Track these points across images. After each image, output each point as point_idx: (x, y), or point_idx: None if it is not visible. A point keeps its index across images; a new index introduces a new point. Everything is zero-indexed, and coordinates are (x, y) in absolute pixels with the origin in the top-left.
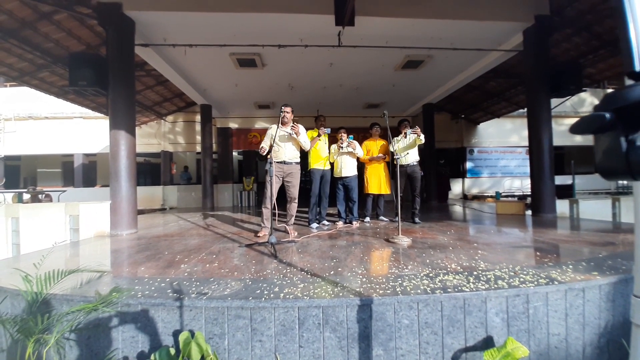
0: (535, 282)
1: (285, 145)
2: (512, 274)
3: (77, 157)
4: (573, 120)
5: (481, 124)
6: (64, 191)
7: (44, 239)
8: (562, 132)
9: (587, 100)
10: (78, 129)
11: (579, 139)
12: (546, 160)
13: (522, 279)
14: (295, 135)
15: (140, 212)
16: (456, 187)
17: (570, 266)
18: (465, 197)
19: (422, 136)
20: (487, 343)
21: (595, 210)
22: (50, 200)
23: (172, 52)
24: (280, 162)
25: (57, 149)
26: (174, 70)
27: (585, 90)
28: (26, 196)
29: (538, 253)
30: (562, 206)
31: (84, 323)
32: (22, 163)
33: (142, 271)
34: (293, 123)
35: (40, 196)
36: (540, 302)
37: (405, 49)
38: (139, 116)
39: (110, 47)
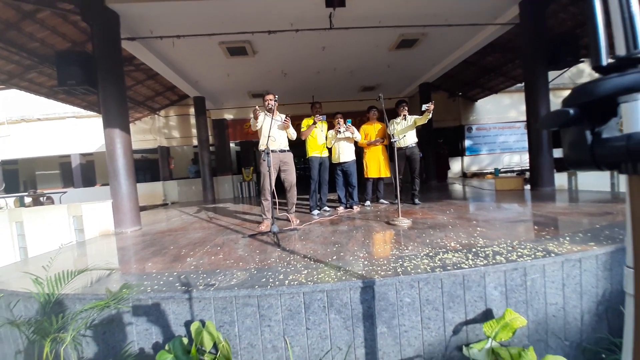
0: (533, 255)
1: (280, 134)
2: (510, 248)
3: (74, 158)
4: None
5: (479, 101)
6: (65, 192)
7: (50, 241)
8: (560, 105)
9: (586, 71)
10: (72, 128)
11: None
12: (544, 133)
13: (519, 253)
14: (284, 128)
15: (143, 208)
16: (455, 166)
17: (568, 238)
18: (464, 175)
19: (430, 115)
20: (487, 315)
21: (594, 181)
22: (52, 203)
23: (160, 45)
24: (276, 152)
25: (53, 150)
26: (164, 63)
27: (582, 61)
28: (27, 199)
29: (536, 227)
30: (560, 179)
31: (98, 320)
32: (20, 167)
33: (149, 267)
34: (285, 117)
35: (41, 199)
36: (538, 274)
37: (399, 28)
38: (132, 112)
39: (96, 43)
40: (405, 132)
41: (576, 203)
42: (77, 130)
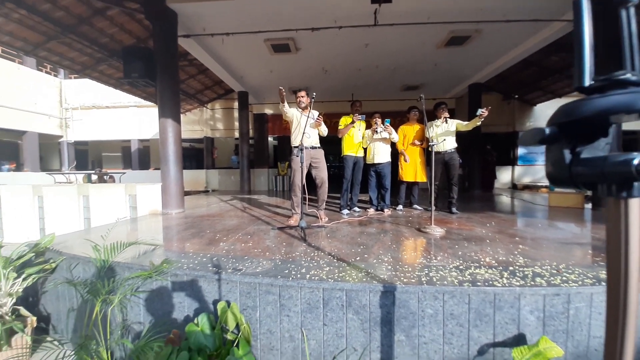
0: (580, 282)
1: (311, 131)
2: (555, 272)
3: (133, 143)
4: None
5: (538, 105)
6: (124, 173)
7: (109, 215)
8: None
9: None
10: (133, 116)
11: None
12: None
13: (565, 278)
14: (316, 127)
15: (187, 193)
16: (505, 176)
17: None
18: (514, 187)
19: (479, 122)
20: (519, 340)
21: None
22: (114, 181)
23: (211, 42)
24: (307, 148)
25: (117, 135)
26: (213, 59)
27: None
28: (94, 177)
29: (589, 251)
30: None
31: (141, 287)
32: (90, 148)
33: (187, 246)
34: (318, 115)
35: (105, 177)
36: (584, 302)
37: (450, 24)
38: (184, 104)
39: (156, 39)
40: (445, 136)
41: None
42: (137, 118)
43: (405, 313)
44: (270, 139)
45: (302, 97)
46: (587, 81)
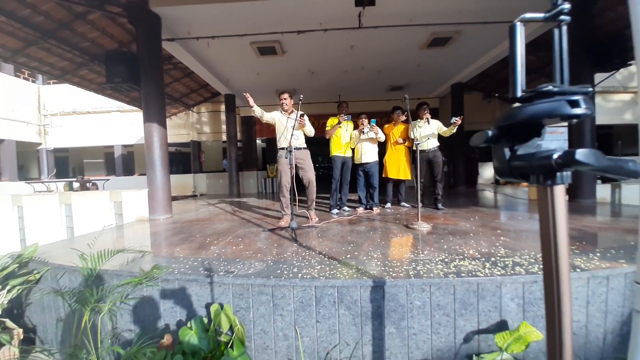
0: None
1: (295, 132)
2: (533, 260)
3: (116, 148)
4: (622, 96)
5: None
6: (108, 180)
7: (93, 223)
8: (610, 110)
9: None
10: (116, 122)
11: (629, 117)
12: (587, 140)
13: (541, 266)
14: (300, 128)
15: (174, 198)
16: (487, 172)
17: (598, 254)
18: (497, 182)
19: (455, 130)
20: (501, 326)
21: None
22: (97, 188)
23: (196, 45)
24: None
25: (99, 141)
26: (199, 62)
27: (631, 64)
28: (76, 185)
29: None
30: (603, 191)
31: (131, 295)
32: (70, 154)
33: (177, 251)
34: (302, 115)
35: (87, 184)
36: None
37: (431, 26)
38: (169, 108)
39: (140, 43)
40: (428, 135)
41: (616, 218)
42: (120, 123)
43: (394, 306)
44: (258, 141)
45: (285, 99)
46: (519, 92)
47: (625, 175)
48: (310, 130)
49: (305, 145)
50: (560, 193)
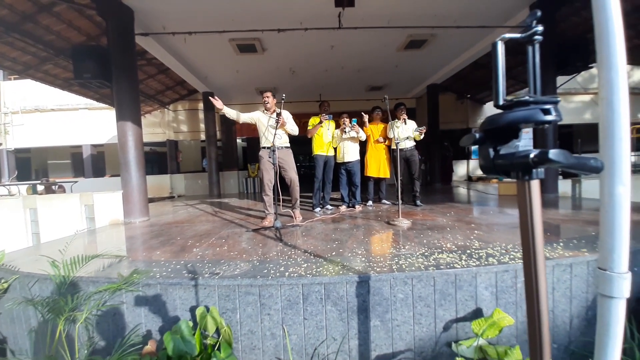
0: None
1: (278, 132)
2: (504, 251)
3: (85, 148)
4: (582, 98)
5: (487, 104)
6: (76, 182)
7: (62, 228)
8: (570, 110)
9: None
10: (84, 120)
11: (588, 117)
12: (550, 139)
13: (512, 256)
14: (281, 127)
15: (150, 200)
16: (461, 169)
17: (562, 244)
18: (469, 179)
19: (422, 136)
20: (477, 314)
21: (598, 189)
22: (64, 191)
23: (172, 40)
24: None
25: (65, 140)
26: (175, 58)
27: (592, 67)
28: (40, 187)
29: None
30: (564, 186)
31: (110, 302)
32: (32, 155)
33: (157, 255)
34: (278, 115)
35: (53, 187)
36: None
37: (408, 29)
38: (143, 105)
39: (111, 37)
40: (405, 135)
41: (577, 210)
42: (88, 122)
43: (379, 300)
44: (238, 140)
45: (268, 97)
46: (501, 101)
47: (589, 171)
48: (293, 129)
49: (288, 145)
50: (535, 186)
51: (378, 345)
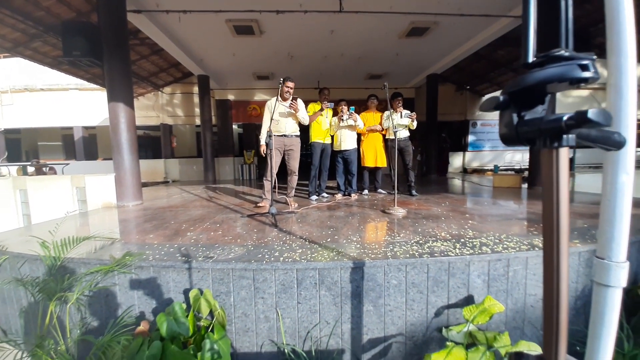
0: (517, 248)
1: (286, 119)
2: (497, 241)
3: (76, 130)
4: (580, 93)
5: (486, 96)
6: (67, 164)
7: (53, 210)
8: (568, 105)
9: (604, 74)
10: (75, 101)
11: None
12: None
13: (505, 246)
14: (294, 112)
15: (144, 185)
16: (457, 161)
17: None
18: (465, 171)
19: (415, 123)
20: (468, 301)
21: (591, 183)
22: (55, 173)
23: (166, 19)
24: (281, 136)
25: (55, 121)
26: (169, 38)
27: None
28: (30, 169)
29: (525, 223)
30: None
31: (102, 283)
32: (23, 136)
33: (150, 238)
34: (292, 99)
35: (44, 169)
36: (520, 265)
37: (411, 15)
38: (135, 87)
39: (102, 13)
40: (402, 126)
41: (570, 203)
42: (80, 103)
43: (372, 285)
44: (234, 126)
45: (291, 88)
46: (531, 58)
47: (611, 145)
48: (304, 117)
49: (297, 133)
50: (564, 154)
51: (370, 330)
